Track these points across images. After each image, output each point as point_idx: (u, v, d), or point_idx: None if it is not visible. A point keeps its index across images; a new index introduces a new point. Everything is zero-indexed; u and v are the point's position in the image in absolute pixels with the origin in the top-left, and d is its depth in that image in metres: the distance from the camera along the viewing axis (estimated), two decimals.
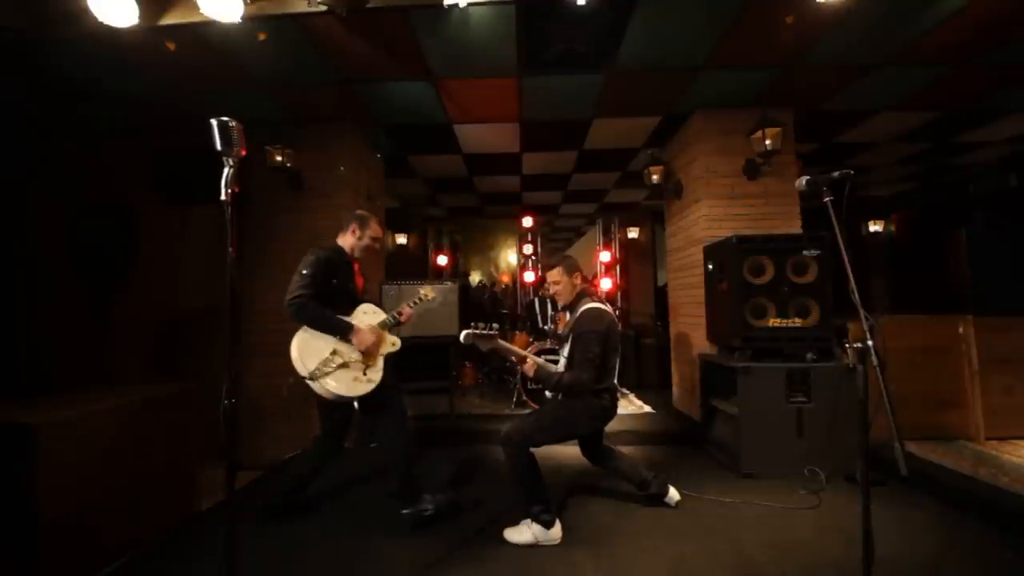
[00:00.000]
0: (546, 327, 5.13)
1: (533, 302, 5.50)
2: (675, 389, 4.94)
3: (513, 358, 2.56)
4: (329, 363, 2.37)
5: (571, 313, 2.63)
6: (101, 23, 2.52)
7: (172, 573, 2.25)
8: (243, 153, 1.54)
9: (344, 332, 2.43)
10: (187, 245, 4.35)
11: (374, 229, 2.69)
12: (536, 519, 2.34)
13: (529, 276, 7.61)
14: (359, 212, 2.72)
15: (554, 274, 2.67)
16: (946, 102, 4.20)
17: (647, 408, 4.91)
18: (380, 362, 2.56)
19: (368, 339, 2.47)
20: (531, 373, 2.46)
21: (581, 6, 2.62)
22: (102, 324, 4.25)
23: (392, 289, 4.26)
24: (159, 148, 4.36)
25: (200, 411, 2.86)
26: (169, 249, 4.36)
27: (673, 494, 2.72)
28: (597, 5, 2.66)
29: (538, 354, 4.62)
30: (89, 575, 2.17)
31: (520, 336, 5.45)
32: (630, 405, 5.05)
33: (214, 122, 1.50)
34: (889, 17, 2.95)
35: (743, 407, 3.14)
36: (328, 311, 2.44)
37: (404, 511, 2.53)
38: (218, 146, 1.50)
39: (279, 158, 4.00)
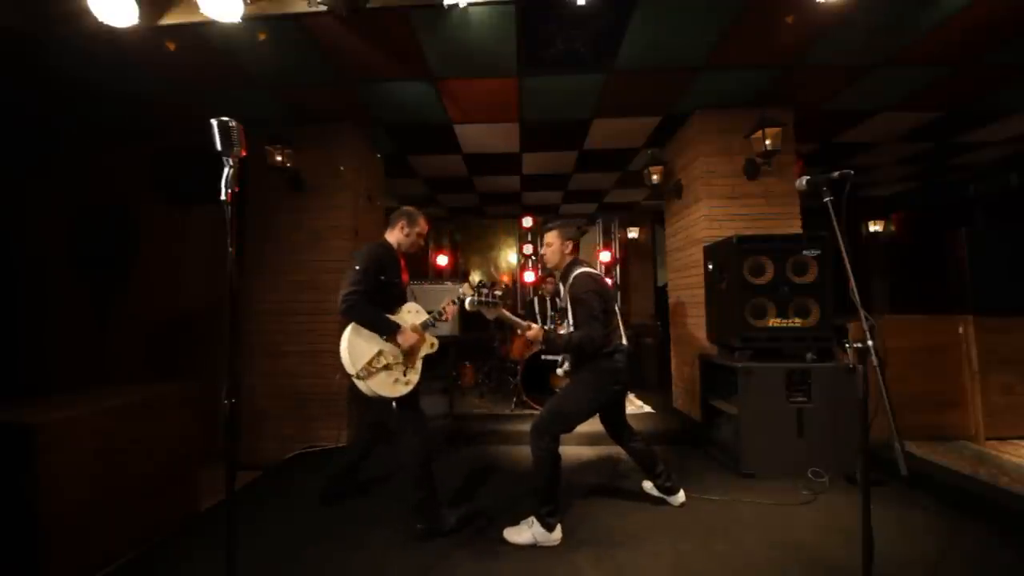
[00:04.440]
0: (546, 327, 5.10)
1: (532, 302, 5.49)
2: (675, 389, 4.94)
3: (517, 330, 2.52)
4: (374, 364, 2.38)
5: (564, 282, 2.61)
6: (101, 23, 2.52)
7: (172, 573, 2.25)
8: (243, 153, 1.54)
9: (391, 332, 2.42)
10: (187, 245, 4.35)
11: (421, 226, 2.68)
12: (541, 519, 2.33)
13: (529, 276, 7.60)
14: (407, 209, 2.68)
15: (549, 236, 2.67)
16: (946, 102, 4.19)
17: (647, 408, 4.90)
18: (419, 364, 2.56)
19: (412, 339, 2.47)
20: (539, 338, 2.45)
21: (581, 6, 2.62)
22: (102, 324, 4.26)
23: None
24: (159, 148, 4.36)
25: (200, 411, 2.87)
26: (169, 249, 4.36)
27: (680, 495, 2.73)
28: (597, 5, 2.65)
29: (538, 354, 4.65)
30: (89, 575, 2.17)
31: (520, 336, 5.44)
32: (630, 405, 5.04)
33: (214, 122, 1.50)
34: (889, 17, 2.94)
35: (743, 407, 3.14)
36: (378, 311, 2.42)
37: (420, 526, 2.43)
38: (218, 146, 1.51)
39: (279, 158, 4.00)
